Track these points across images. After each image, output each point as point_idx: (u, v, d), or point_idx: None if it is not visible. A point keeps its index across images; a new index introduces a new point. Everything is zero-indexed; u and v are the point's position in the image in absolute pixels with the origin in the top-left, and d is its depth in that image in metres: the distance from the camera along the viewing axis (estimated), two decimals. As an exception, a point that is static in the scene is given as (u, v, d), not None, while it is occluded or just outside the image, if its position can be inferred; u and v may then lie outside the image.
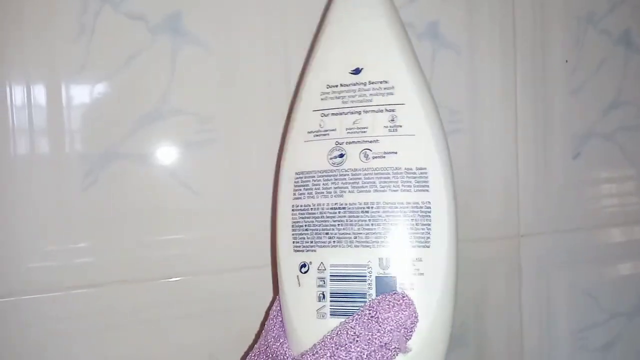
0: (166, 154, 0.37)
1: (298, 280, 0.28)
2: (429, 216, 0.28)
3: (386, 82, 0.29)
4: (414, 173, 0.28)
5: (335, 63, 0.30)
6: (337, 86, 0.30)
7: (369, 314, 0.26)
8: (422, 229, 0.28)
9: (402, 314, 0.26)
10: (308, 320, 0.28)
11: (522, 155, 0.45)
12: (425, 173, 0.28)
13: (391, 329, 0.25)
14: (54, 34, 0.34)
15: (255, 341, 0.36)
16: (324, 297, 0.28)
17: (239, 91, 0.38)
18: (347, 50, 0.30)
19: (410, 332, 0.26)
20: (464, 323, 0.44)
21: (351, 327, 0.26)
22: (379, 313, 0.26)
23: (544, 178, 0.46)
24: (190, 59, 0.36)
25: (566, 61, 0.46)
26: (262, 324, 0.35)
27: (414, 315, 0.26)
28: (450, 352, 0.34)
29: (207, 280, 0.37)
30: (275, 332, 0.30)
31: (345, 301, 0.28)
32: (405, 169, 0.28)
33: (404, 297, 0.26)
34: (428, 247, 0.28)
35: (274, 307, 0.32)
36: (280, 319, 0.30)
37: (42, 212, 0.35)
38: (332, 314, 0.28)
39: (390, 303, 0.26)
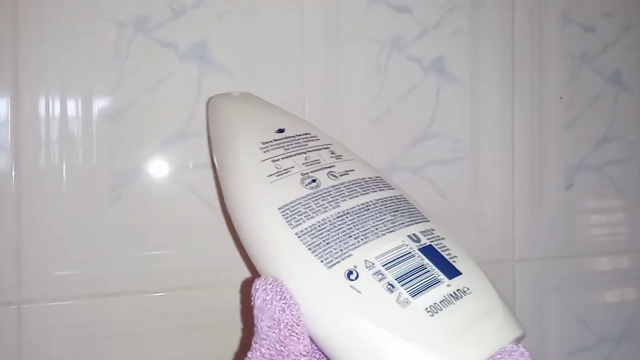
0: (188, 172, 0.39)
1: (355, 289, 0.26)
2: (409, 202, 0.31)
3: (308, 133, 0.34)
4: (376, 180, 0.32)
5: (260, 128, 0.33)
6: (271, 142, 0.32)
7: None
8: (414, 210, 0.31)
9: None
10: (396, 316, 0.25)
11: (518, 184, 0.48)
12: (382, 178, 0.32)
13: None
14: (91, 55, 0.37)
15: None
16: (393, 286, 0.26)
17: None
18: (262, 121, 0.33)
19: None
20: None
21: None
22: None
23: (538, 207, 0.48)
24: (215, 85, 0.39)
25: (560, 98, 0.49)
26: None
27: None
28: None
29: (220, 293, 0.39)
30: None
31: (415, 277, 0.26)
32: (368, 177, 0.32)
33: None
34: (428, 220, 0.30)
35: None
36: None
37: (70, 222, 0.37)
38: (415, 295, 0.26)
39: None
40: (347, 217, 0.28)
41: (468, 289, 0.27)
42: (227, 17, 0.39)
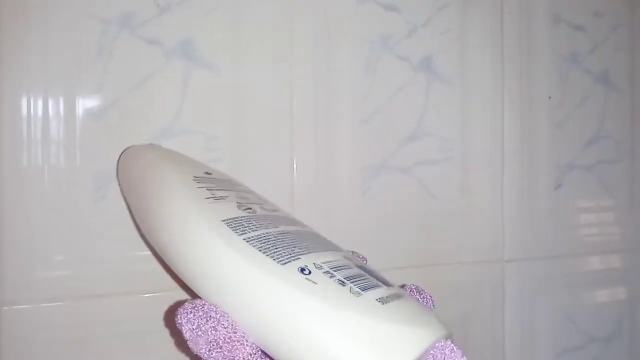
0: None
1: (310, 281, 0.27)
2: (325, 237, 0.34)
3: (231, 179, 0.36)
4: (298, 220, 0.34)
5: (188, 166, 0.35)
6: (202, 176, 0.33)
7: None
8: (335, 244, 0.34)
9: None
10: (352, 303, 0.26)
11: (508, 184, 0.48)
12: (300, 221, 0.35)
13: None
14: (74, 52, 0.36)
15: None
16: (343, 282, 0.28)
17: (246, 113, 0.40)
18: (187, 163, 0.36)
19: None
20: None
21: None
22: None
23: (528, 207, 0.49)
24: (201, 82, 0.39)
25: (550, 97, 0.49)
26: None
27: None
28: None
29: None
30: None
31: (359, 279, 0.28)
32: (292, 217, 0.35)
33: None
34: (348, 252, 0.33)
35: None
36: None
37: (53, 223, 0.36)
38: (364, 290, 0.28)
39: None
40: (287, 235, 0.30)
41: (401, 294, 0.29)
42: (213, 13, 0.39)
